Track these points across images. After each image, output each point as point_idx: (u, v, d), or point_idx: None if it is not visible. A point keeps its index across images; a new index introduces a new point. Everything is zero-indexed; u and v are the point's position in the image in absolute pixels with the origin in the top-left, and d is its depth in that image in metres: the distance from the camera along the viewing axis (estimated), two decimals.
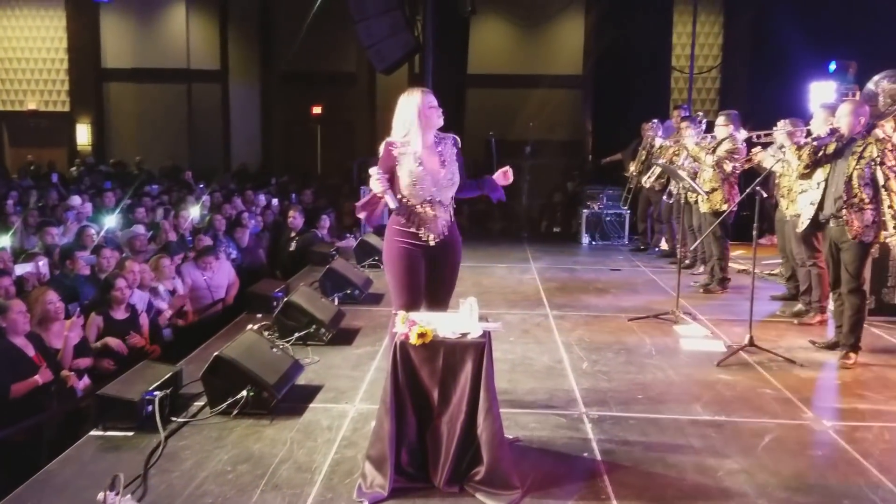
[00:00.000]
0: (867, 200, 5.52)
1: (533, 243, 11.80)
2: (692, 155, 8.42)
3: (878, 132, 7.74)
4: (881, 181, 5.56)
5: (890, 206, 5.62)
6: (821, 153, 5.73)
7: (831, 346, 6.03)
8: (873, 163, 5.52)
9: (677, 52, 16.10)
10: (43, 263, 6.95)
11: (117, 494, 3.43)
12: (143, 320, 6.34)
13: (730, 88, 16.19)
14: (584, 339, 6.34)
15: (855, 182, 5.54)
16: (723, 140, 7.95)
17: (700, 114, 10.50)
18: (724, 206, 7.79)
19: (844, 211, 5.58)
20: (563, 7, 17.59)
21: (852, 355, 5.71)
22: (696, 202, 8.18)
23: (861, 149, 5.56)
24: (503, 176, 4.60)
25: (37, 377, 5.04)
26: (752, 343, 5.85)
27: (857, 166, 5.53)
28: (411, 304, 4.29)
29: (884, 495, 3.70)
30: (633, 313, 7.11)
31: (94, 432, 4.33)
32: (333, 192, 15.15)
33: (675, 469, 3.97)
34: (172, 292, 7.33)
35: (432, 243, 4.36)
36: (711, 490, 3.75)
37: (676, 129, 9.80)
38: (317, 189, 15.03)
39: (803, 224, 6.12)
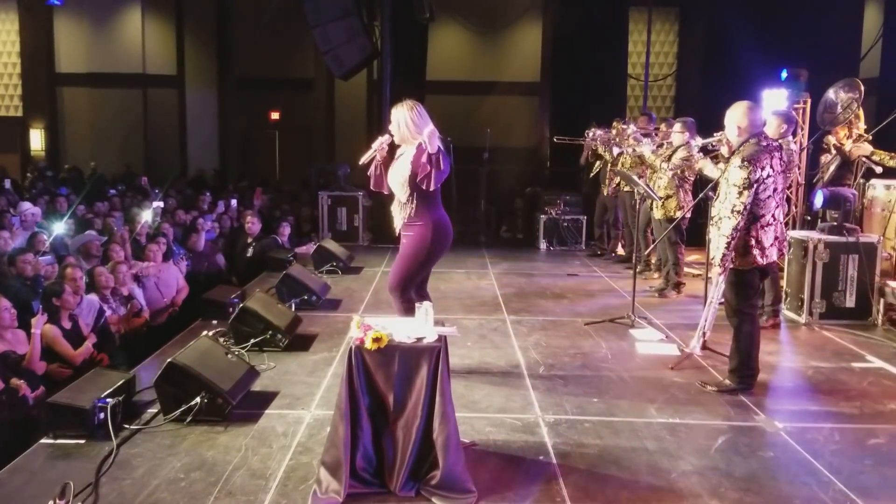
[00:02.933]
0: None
1: (491, 248, 11.85)
2: (648, 162, 8.52)
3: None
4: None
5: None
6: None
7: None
8: (726, 180, 4.98)
9: (633, 59, 16.31)
10: None
11: (67, 503, 3.38)
12: (86, 328, 6.22)
13: (684, 96, 16.45)
14: (541, 344, 6.37)
15: (721, 198, 5.06)
16: (678, 147, 8.05)
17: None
18: (678, 213, 7.88)
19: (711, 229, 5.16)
20: (520, 14, 17.72)
21: (728, 382, 5.23)
22: (652, 208, 8.27)
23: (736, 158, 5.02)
24: None
25: None
26: (705, 346, 5.92)
27: (723, 178, 5.06)
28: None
29: (834, 495, 3.77)
30: (590, 318, 7.17)
31: (44, 440, 4.26)
32: (291, 199, 15.07)
33: (630, 471, 4.00)
34: (128, 297, 7.24)
35: None
36: (665, 491, 3.78)
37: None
38: (275, 195, 14.95)
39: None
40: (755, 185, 4.85)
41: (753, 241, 4.98)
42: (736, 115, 5.04)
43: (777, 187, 5.02)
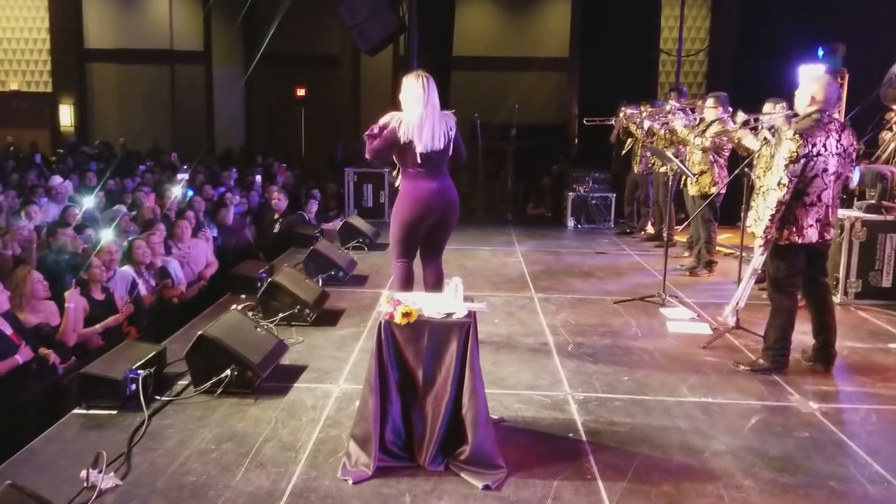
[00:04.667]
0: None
1: (518, 226, 11.77)
2: (681, 138, 8.39)
3: None
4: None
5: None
6: None
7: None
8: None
9: (665, 34, 16.01)
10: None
11: (100, 472, 3.41)
12: (120, 301, 6.26)
13: (717, 71, 16.13)
14: (570, 322, 6.31)
15: (772, 168, 5.03)
16: (712, 122, 7.91)
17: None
18: (713, 189, 7.76)
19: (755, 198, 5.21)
20: None
21: (761, 361, 5.19)
22: (685, 184, 8.14)
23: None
24: None
25: (17, 356, 5.02)
26: (738, 325, 5.84)
27: (777, 148, 5.01)
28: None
29: (871, 476, 3.70)
30: (619, 296, 7.09)
31: (77, 411, 4.29)
32: (317, 175, 15.07)
33: (661, 450, 3.96)
34: (162, 270, 7.29)
35: None
36: (697, 470, 3.74)
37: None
38: (300, 172, 14.95)
39: None
40: (802, 160, 4.73)
41: (792, 218, 4.85)
42: (814, 86, 4.88)
43: (828, 169, 4.82)
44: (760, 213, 4.94)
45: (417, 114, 4.99)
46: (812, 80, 4.97)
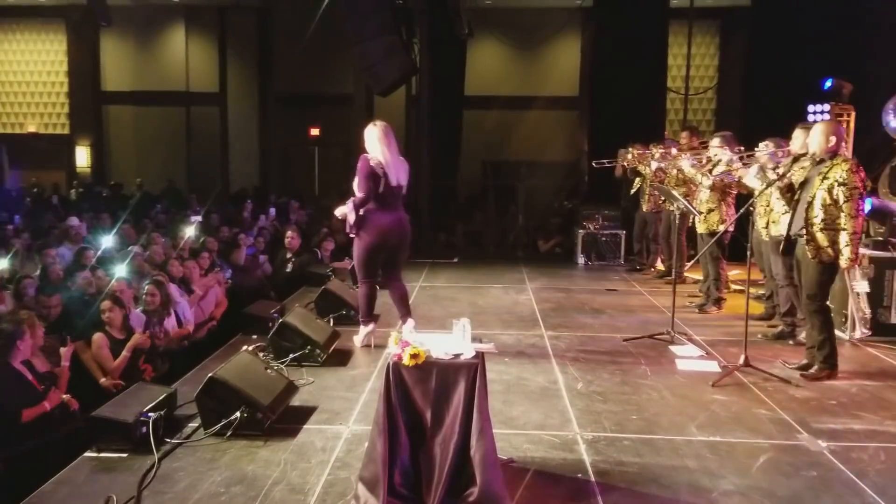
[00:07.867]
0: (830, 221, 5.59)
1: (529, 263, 11.80)
2: (688, 177, 8.45)
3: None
4: (841, 202, 5.56)
5: (844, 230, 5.55)
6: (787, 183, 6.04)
7: (804, 368, 5.96)
8: (836, 184, 5.56)
9: (673, 72, 16.15)
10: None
11: None
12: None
13: (726, 109, 16.25)
14: (580, 360, 6.33)
15: (817, 203, 5.63)
16: (718, 161, 7.96)
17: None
18: (721, 227, 7.79)
19: (805, 231, 5.70)
20: (558, 29, 17.72)
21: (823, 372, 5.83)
22: (694, 222, 8.19)
23: (827, 170, 5.64)
24: None
25: (45, 402, 5.06)
26: (747, 363, 5.84)
27: (821, 187, 5.62)
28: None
29: None
30: (629, 333, 7.11)
31: (88, 454, 4.33)
32: (330, 214, 15.15)
33: (670, 490, 3.96)
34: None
35: None
36: None
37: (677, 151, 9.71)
38: (314, 211, 15.07)
39: (781, 245, 6.17)
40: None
41: (830, 242, 5.63)
42: (829, 129, 5.73)
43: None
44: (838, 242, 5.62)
45: (384, 155, 6.01)
46: (826, 126, 5.80)
